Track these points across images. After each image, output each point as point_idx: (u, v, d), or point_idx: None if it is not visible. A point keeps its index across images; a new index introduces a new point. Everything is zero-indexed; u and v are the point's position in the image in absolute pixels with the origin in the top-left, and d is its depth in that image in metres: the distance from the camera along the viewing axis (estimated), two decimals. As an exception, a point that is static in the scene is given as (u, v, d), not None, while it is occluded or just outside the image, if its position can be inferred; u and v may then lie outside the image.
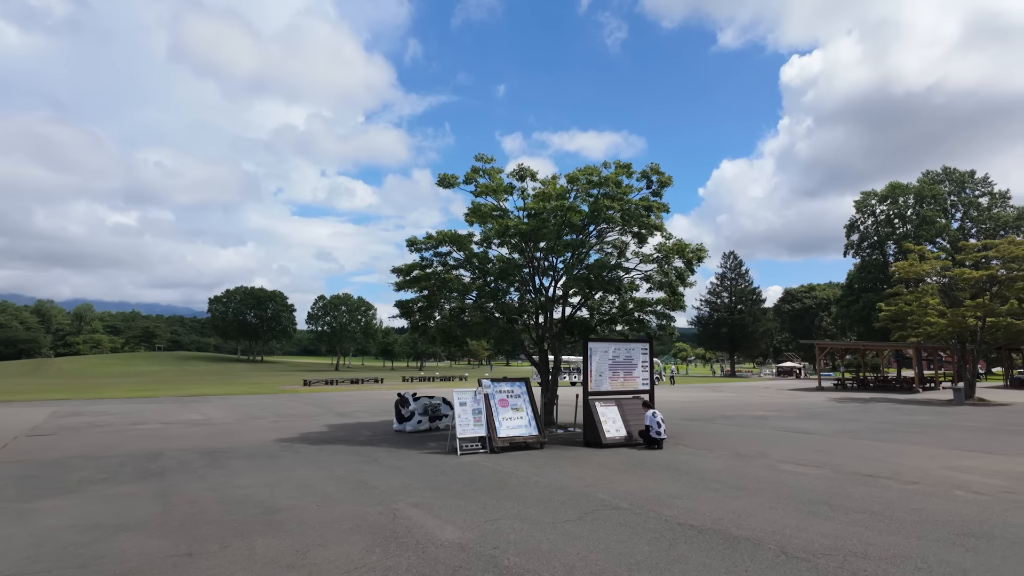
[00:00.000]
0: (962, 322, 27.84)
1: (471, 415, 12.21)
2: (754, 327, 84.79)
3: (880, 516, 7.16)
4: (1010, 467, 10.68)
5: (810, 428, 16.77)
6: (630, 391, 14.24)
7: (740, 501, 7.96)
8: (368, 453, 12.08)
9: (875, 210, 70.20)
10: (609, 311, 16.96)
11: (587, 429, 13.33)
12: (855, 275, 70.61)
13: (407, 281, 15.25)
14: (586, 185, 14.09)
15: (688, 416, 20.38)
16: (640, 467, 10.60)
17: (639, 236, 14.60)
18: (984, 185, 67.32)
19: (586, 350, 13.69)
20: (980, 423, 18.31)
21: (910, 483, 9.27)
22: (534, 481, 9.27)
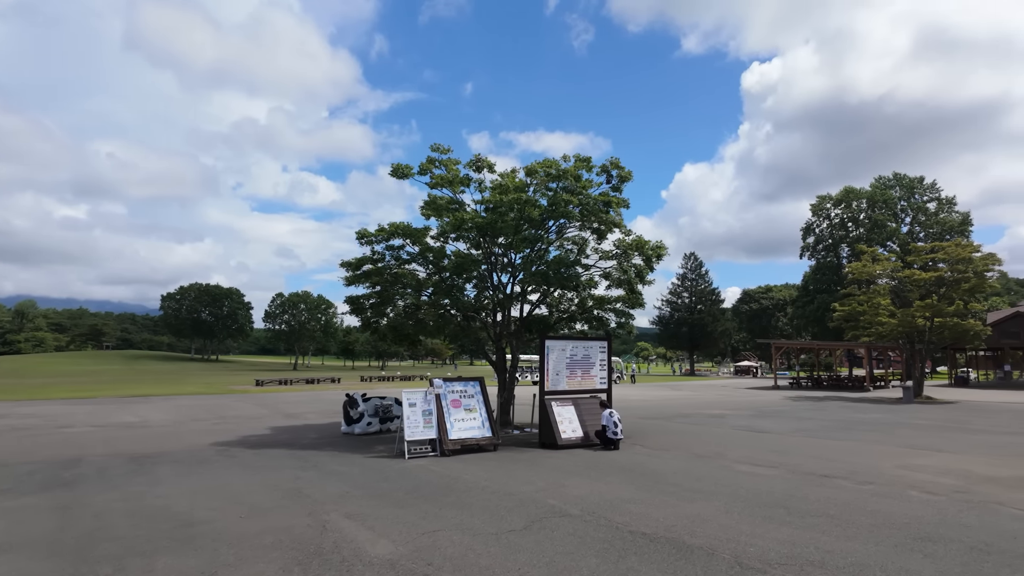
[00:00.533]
0: (912, 322, 28.58)
1: (421, 416, 11.62)
2: (713, 327, 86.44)
3: (837, 520, 6.91)
4: (960, 465, 10.70)
5: (766, 427, 16.75)
6: (588, 390, 13.88)
7: (695, 505, 7.62)
8: (309, 458, 11.36)
9: (830, 214, 72.17)
10: (568, 309, 16.60)
11: (543, 430, 12.90)
12: (810, 277, 72.41)
13: (357, 276, 14.54)
14: (545, 178, 13.67)
15: (647, 415, 20.21)
16: (595, 469, 10.21)
17: (598, 232, 14.25)
18: (932, 191, 69.90)
19: (543, 348, 13.26)
20: (929, 421, 18.66)
21: (865, 483, 9.12)
22: (482, 487, 8.76)
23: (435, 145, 14.30)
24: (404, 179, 14.25)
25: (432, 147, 14.34)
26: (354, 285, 14.94)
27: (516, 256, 15.28)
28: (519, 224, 13.78)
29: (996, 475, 9.76)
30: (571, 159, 14.22)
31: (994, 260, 28.66)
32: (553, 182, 13.74)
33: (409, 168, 14.20)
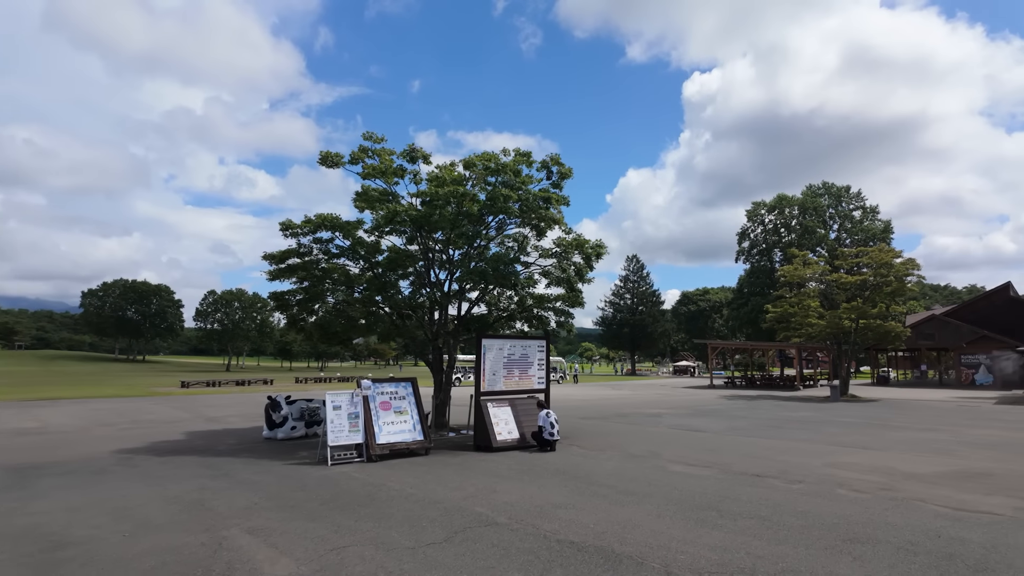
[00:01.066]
0: (839, 323, 29.78)
1: (346, 420, 10.92)
2: (653, 327, 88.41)
3: (768, 522, 6.76)
4: (884, 462, 10.94)
5: (701, 426, 16.88)
6: (526, 390, 13.51)
7: (627, 509, 7.33)
8: (222, 465, 10.46)
9: (764, 219, 75.11)
10: (508, 307, 16.20)
11: (478, 432, 12.43)
12: (745, 280, 75.11)
13: (282, 270, 13.64)
14: (483, 172, 13.20)
15: (586, 415, 20.08)
16: (528, 472, 9.83)
17: (538, 229, 13.90)
18: (857, 200, 73.84)
19: (479, 348, 12.79)
20: (854, 419, 19.33)
21: (795, 482, 9.12)
22: (408, 494, 8.20)
23: (367, 133, 13.59)
24: (334, 168, 13.46)
25: (364, 135, 13.63)
26: (279, 280, 14.03)
27: (455, 252, 14.76)
28: (457, 219, 13.27)
29: (918, 472, 9.99)
30: (511, 153, 13.83)
31: (913, 265, 30.24)
32: (492, 176, 13.30)
33: (339, 156, 13.42)
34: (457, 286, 14.71)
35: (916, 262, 30.43)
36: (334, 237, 13.87)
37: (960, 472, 9.97)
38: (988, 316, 41.99)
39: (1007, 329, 38.73)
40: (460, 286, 14.56)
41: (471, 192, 13.14)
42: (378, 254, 14.03)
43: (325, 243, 13.87)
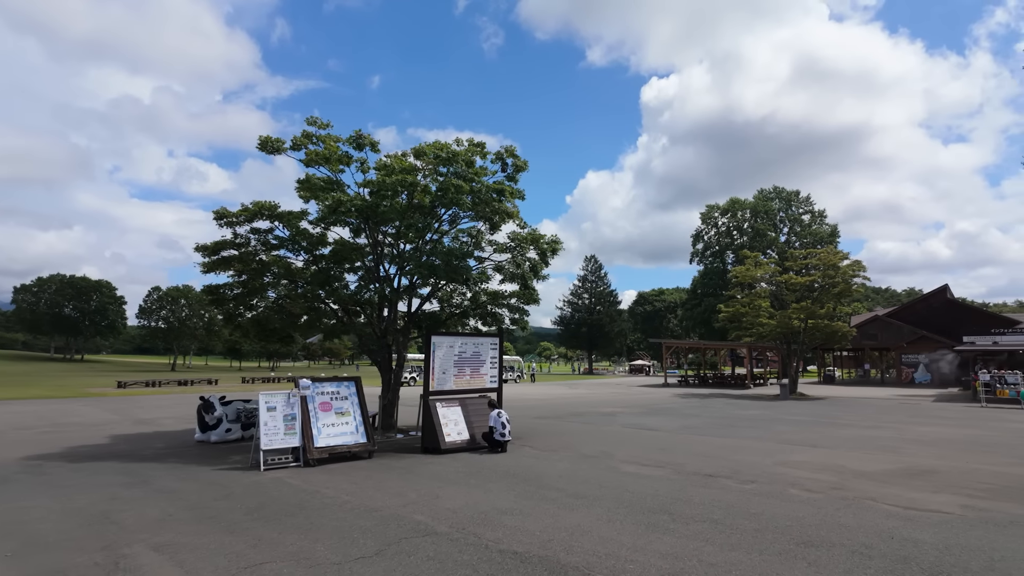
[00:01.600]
0: (788, 323, 30.41)
1: (282, 422, 10.21)
2: (610, 327, 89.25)
3: (721, 525, 6.49)
4: (834, 460, 10.94)
5: (655, 425, 16.76)
6: (477, 390, 13.02)
7: (577, 514, 6.95)
8: (141, 472, 9.60)
9: (717, 222, 76.80)
10: (461, 304, 15.69)
11: (425, 433, 11.88)
12: (699, 281, 76.58)
13: (216, 262, 12.74)
14: (435, 161, 12.62)
15: (541, 414, 19.75)
16: (477, 475, 9.36)
17: (491, 222, 13.41)
18: (806, 204, 76.31)
19: (429, 345, 12.24)
20: (803, 416, 19.62)
21: (748, 482, 8.95)
22: (343, 502, 7.61)
23: (312, 118, 12.83)
24: (275, 153, 12.65)
25: (308, 120, 12.85)
26: (215, 273, 13.12)
27: (406, 246, 14.15)
28: (407, 210, 12.68)
29: (867, 470, 9.99)
30: (464, 143, 13.31)
31: (859, 267, 31.16)
32: (444, 166, 12.74)
33: (280, 142, 12.61)
34: (408, 281, 14.11)
35: (862, 264, 31.38)
36: (274, 227, 13.06)
37: (907, 470, 10.02)
38: (926, 317, 43.83)
39: (944, 330, 40.48)
40: (411, 281, 13.97)
41: (421, 183, 12.55)
42: (323, 246, 13.29)
43: (264, 234, 13.04)
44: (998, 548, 5.73)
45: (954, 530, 6.35)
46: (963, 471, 9.90)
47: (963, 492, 8.30)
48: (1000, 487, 8.66)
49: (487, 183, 13.27)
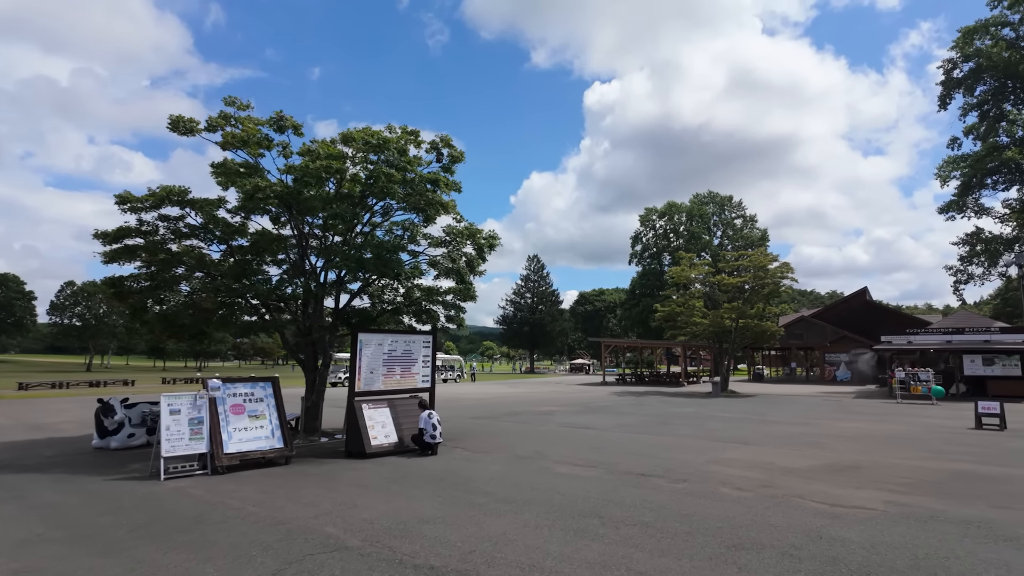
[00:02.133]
0: (721, 323, 31.25)
1: (186, 426, 9.31)
2: (552, 326, 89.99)
3: (651, 529, 6.23)
4: (763, 457, 11.02)
5: (590, 423, 16.64)
6: (408, 390, 12.42)
7: (504, 521, 6.54)
8: (19, 485, 8.51)
9: (655, 225, 78.75)
10: (394, 300, 15.03)
11: (350, 436, 11.19)
12: (637, 282, 78.24)
13: (119, 251, 11.58)
14: (364, 147, 11.91)
15: (478, 414, 19.30)
16: (402, 481, 8.81)
17: (425, 214, 12.82)
18: (739, 209, 79.32)
19: (355, 343, 11.54)
20: (734, 413, 20.04)
21: (680, 481, 8.81)
22: (248, 514, 6.91)
23: (229, 98, 11.85)
24: (188, 135, 11.59)
25: (226, 100, 11.87)
26: (119, 263, 11.93)
27: (335, 238, 13.37)
28: (333, 199, 11.92)
29: (794, 466, 10.09)
30: (396, 130, 12.67)
31: (788, 269, 32.39)
32: (374, 153, 12.05)
33: (194, 122, 11.56)
34: (335, 276, 13.33)
35: (790, 266, 32.64)
36: (185, 215, 12.00)
37: (832, 466, 10.19)
38: (847, 318, 46.22)
39: (863, 330, 42.77)
40: (339, 276, 13.20)
41: (347, 168, 11.81)
42: (241, 236, 12.34)
43: (174, 221, 11.96)
44: (921, 545, 5.72)
45: (879, 527, 6.35)
46: (884, 466, 10.15)
47: (885, 487, 8.44)
48: (917, 481, 8.88)
49: (422, 173, 12.69)
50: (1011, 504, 7.49)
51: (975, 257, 41.67)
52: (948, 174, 42.50)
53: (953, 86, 40.77)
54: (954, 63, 40.57)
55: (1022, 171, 39.04)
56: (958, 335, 27.68)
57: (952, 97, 41.08)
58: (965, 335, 27.44)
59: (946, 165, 42.66)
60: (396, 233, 14.08)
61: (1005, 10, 38.42)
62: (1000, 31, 38.99)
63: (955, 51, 40.56)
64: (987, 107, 39.96)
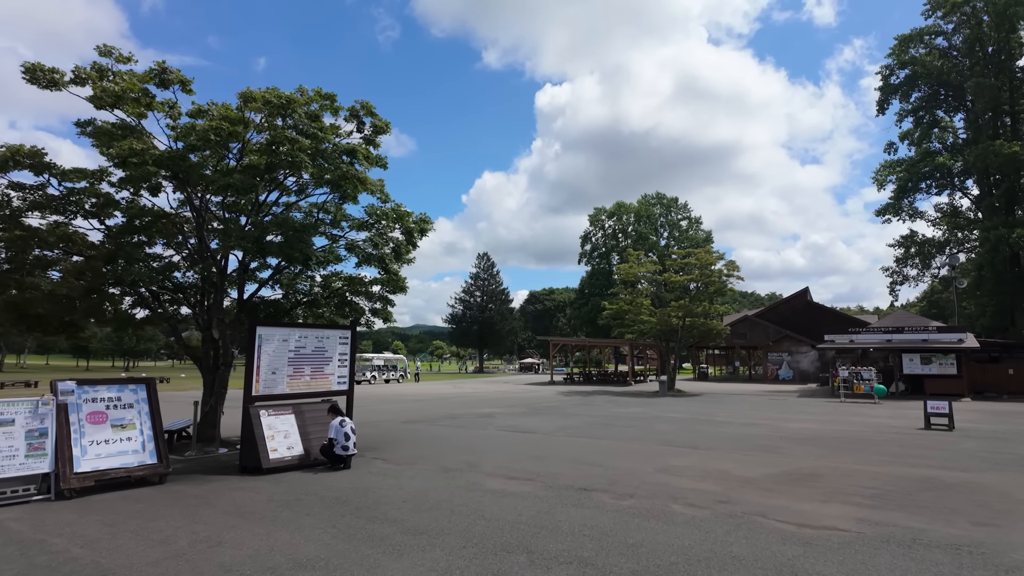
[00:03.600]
0: (668, 321, 30.73)
1: (23, 440, 7.45)
2: (502, 325, 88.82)
3: (591, 569, 4.96)
4: (716, 464, 10.01)
5: (533, 426, 15.40)
6: (321, 393, 10.80)
7: (404, 563, 5.13)
8: None
9: (604, 225, 78.91)
10: (311, 291, 13.33)
11: (245, 449, 9.50)
12: (587, 281, 78.11)
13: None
14: (266, 109, 10.17)
15: (413, 418, 17.76)
16: (295, 505, 7.25)
17: (341, 192, 11.18)
18: (685, 211, 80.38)
19: (253, 337, 9.84)
20: (682, 413, 19.23)
21: (626, 496, 7.63)
22: (67, 559, 5.23)
23: (104, 47, 9.89)
24: (51, 89, 9.59)
25: (100, 49, 9.88)
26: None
27: (242, 218, 11.59)
28: (232, 171, 10.18)
29: (750, 475, 9.09)
30: (307, 91, 10.99)
31: (733, 267, 32.21)
32: (280, 117, 10.36)
33: (58, 73, 9.57)
34: (238, 261, 11.57)
35: (735, 264, 32.49)
36: (46, 183, 9.99)
37: (790, 474, 9.24)
38: (789, 318, 46.92)
39: (804, 329, 43.43)
40: (241, 261, 11.45)
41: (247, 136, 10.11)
42: (118, 210, 10.42)
43: (33, 191, 9.94)
44: (915, 582, 4.67)
45: (859, 557, 5.28)
46: (844, 473, 9.29)
47: (851, 500, 7.49)
48: (884, 492, 7.99)
49: (340, 144, 11.08)
50: (994, 520, 6.63)
51: (910, 259, 42.99)
52: (884, 178, 43.72)
53: (890, 92, 41.87)
54: (891, 69, 41.66)
55: (952, 176, 40.47)
56: (898, 334, 28.01)
57: (889, 102, 42.21)
58: (904, 334, 27.79)
59: (883, 169, 43.88)
60: (316, 216, 12.45)
61: (939, 20, 39.61)
62: (934, 40, 40.25)
63: (892, 58, 41.68)
64: (921, 113, 41.21)
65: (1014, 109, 35.97)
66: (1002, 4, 34.31)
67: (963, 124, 40.67)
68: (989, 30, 36.12)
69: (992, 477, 9.01)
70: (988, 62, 36.92)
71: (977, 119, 37.44)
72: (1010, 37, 35.17)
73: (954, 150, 39.43)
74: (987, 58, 37.08)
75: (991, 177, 37.45)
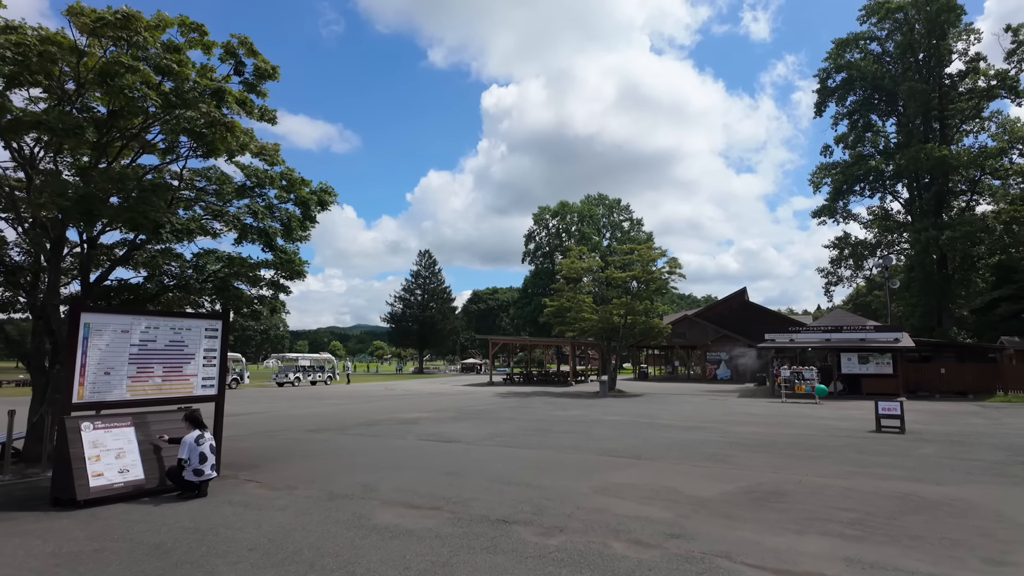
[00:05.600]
0: (609, 318, 29.53)
1: None
2: (443, 324, 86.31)
3: None
4: (663, 480, 8.45)
5: (459, 434, 13.54)
6: (178, 400, 8.54)
7: None
8: None
9: (548, 224, 78.09)
10: (182, 273, 10.97)
11: (57, 475, 7.18)
12: (530, 280, 77.01)
13: None
14: (95, 27, 7.79)
15: (322, 425, 15.52)
16: (88, 560, 5.11)
17: (206, 144, 8.87)
18: (626, 212, 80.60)
19: (76, 327, 7.51)
20: (623, 416, 17.83)
21: (554, 531, 5.89)
22: None
23: None
24: None
25: None
26: None
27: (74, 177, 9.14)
28: (54, 112, 7.81)
29: (704, 495, 7.55)
30: (167, 17, 8.70)
31: (676, 264, 31.38)
32: (115, 41, 8.01)
33: None
34: (78, 231, 9.15)
35: (677, 261, 31.69)
36: None
37: (750, 492, 7.76)
38: (728, 317, 46.99)
39: (743, 329, 43.46)
40: (81, 230, 9.03)
41: (59, 56, 7.74)
42: None
43: None
44: None
45: (875, 633, 3.70)
46: (811, 489, 7.89)
47: (830, 529, 6.03)
48: (864, 516, 6.60)
49: (205, 82, 8.81)
50: (1008, 555, 5.28)
51: (843, 261, 43.72)
52: (820, 181, 44.30)
53: (827, 95, 42.43)
54: (828, 73, 42.22)
55: (884, 180, 41.37)
56: (837, 333, 27.79)
57: (827, 105, 42.77)
58: (843, 333, 27.59)
59: (819, 172, 44.46)
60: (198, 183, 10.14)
61: (873, 26, 40.37)
62: (868, 45, 41.02)
63: (828, 62, 42.25)
64: (856, 117, 41.94)
65: (943, 114, 36.93)
66: (933, 12, 35.10)
67: (895, 129, 41.68)
68: (920, 37, 36.97)
69: (974, 492, 7.83)
70: (919, 68, 37.84)
71: (908, 123, 38.32)
72: (940, 44, 36.07)
73: (886, 154, 40.29)
74: (918, 64, 38.00)
75: (921, 180, 38.41)
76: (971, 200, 37.85)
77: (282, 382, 37.89)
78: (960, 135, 38.05)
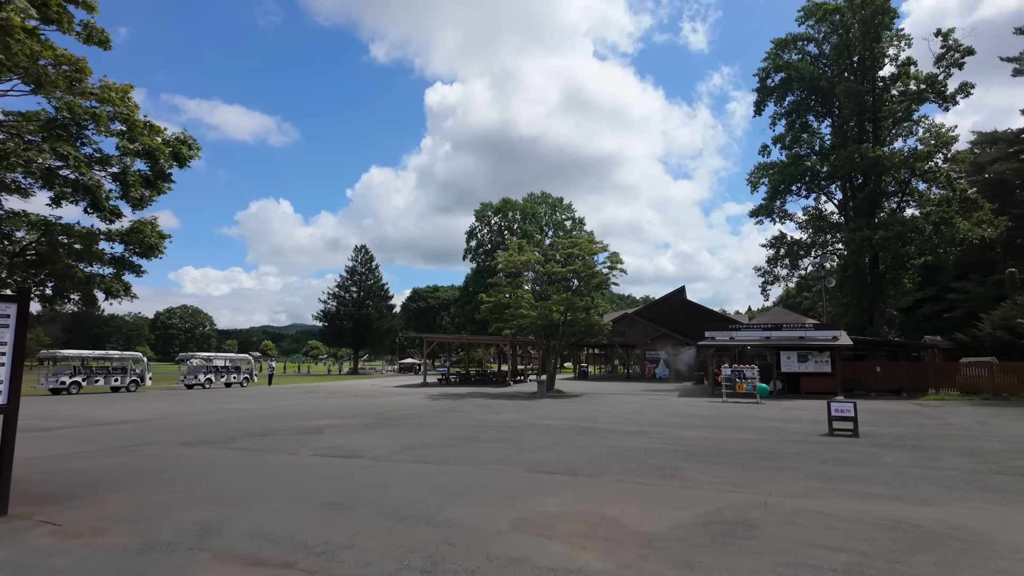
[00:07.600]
0: (549, 315, 28.01)
1: None
2: (380, 323, 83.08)
3: None
4: (601, 508, 6.71)
5: (366, 447, 11.45)
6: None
7: None
8: None
9: (491, 221, 76.30)
10: (3, 248, 8.42)
11: None
12: (471, 278, 74.90)
13: None
14: None
15: (204, 437, 13.02)
16: None
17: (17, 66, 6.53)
18: (569, 211, 79.87)
19: None
20: (560, 420, 16.17)
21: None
22: None
23: None
24: None
25: None
26: None
27: None
28: None
29: (653, 529, 5.85)
30: None
31: (617, 259, 30.21)
32: None
33: None
34: None
35: (619, 256, 30.55)
36: None
37: (710, 523, 6.12)
38: (667, 316, 46.61)
39: (682, 328, 43.07)
40: None
41: None
42: None
43: None
44: None
45: None
46: (782, 517, 6.34)
47: (826, 585, 4.42)
48: (860, 558, 5.06)
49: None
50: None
51: (779, 260, 44.03)
52: (758, 180, 44.43)
53: (766, 94, 42.54)
54: (767, 72, 42.34)
55: (820, 180, 41.83)
56: (777, 331, 27.27)
57: (766, 104, 42.90)
58: (783, 331, 27.09)
59: (757, 172, 44.57)
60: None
61: (810, 27, 40.68)
62: (806, 46, 41.34)
63: (768, 61, 42.38)
64: (794, 117, 42.24)
65: (876, 116, 37.52)
66: (869, 14, 35.51)
67: (830, 130, 42.24)
68: (856, 39, 37.42)
69: (971, 515, 6.49)
70: (855, 70, 38.34)
71: (843, 124, 38.78)
72: (875, 47, 36.59)
73: (822, 155, 40.72)
74: (853, 67, 38.51)
75: (854, 181, 38.95)
76: (902, 202, 38.67)
77: (191, 384, 34.35)
78: (892, 137, 38.84)
